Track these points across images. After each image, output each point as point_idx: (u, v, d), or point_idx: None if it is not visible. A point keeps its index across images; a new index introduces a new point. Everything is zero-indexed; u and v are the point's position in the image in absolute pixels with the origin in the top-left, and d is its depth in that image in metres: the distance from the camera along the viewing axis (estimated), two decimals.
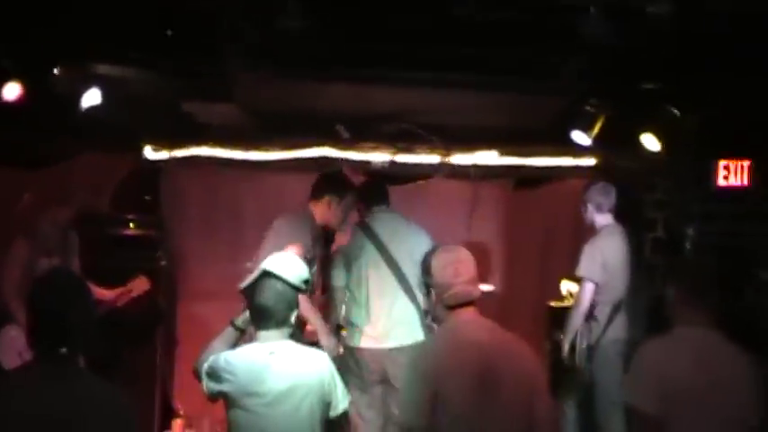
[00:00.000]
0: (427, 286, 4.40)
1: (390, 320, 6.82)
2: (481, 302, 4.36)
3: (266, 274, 4.63)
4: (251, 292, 4.66)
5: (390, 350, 6.75)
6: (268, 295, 4.61)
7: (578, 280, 7.66)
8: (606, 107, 6.91)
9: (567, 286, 7.70)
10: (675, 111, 6.85)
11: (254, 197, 8.60)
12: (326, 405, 4.65)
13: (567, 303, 7.60)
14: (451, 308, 4.30)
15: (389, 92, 7.28)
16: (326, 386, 4.65)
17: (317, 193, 6.88)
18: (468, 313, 4.29)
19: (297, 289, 4.68)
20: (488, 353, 4.16)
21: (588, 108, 6.95)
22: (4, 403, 3.37)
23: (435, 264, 4.34)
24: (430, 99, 7.41)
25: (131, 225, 7.91)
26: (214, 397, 4.57)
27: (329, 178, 7.08)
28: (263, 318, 4.63)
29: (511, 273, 8.87)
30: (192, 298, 8.29)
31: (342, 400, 4.73)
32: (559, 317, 7.45)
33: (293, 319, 4.69)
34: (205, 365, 4.58)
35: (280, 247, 5.89)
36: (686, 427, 4.11)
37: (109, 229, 7.80)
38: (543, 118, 7.63)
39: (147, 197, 8.41)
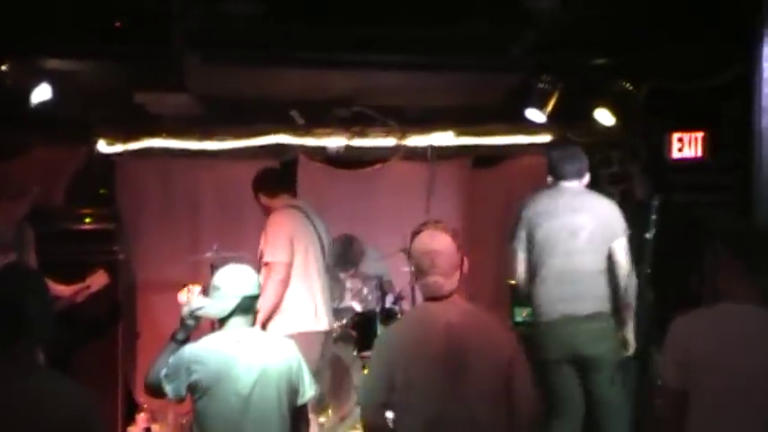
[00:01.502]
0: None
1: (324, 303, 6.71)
2: None
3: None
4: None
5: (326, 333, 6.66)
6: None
7: None
8: (558, 83, 6.92)
9: None
10: (627, 84, 6.88)
11: (210, 187, 8.56)
12: (294, 392, 4.65)
13: None
14: (427, 298, 4.27)
15: (342, 75, 7.27)
16: (295, 373, 4.65)
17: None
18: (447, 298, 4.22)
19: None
20: (458, 335, 4.10)
21: (541, 85, 6.97)
22: None
23: (415, 246, 4.25)
24: (383, 81, 7.41)
25: (87, 219, 7.83)
26: (181, 396, 4.50)
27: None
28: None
29: (471, 251, 8.85)
30: (151, 290, 8.23)
31: (309, 388, 4.73)
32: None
33: (257, 305, 4.72)
34: (162, 371, 4.51)
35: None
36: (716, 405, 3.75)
37: (64, 223, 7.71)
38: (497, 96, 7.66)
39: (102, 190, 8.34)
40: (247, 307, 4.64)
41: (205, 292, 4.75)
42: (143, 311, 8.26)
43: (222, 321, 4.64)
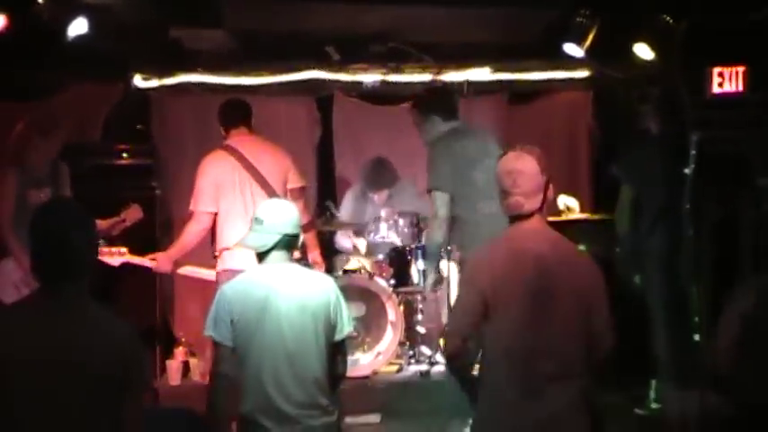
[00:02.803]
0: None
1: None
2: None
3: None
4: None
5: None
6: None
7: (575, 194, 7.69)
8: (597, 18, 6.84)
9: (564, 200, 7.68)
10: (667, 18, 6.78)
11: None
12: (332, 328, 4.66)
13: (564, 218, 7.59)
14: (511, 218, 4.26)
15: (378, 11, 7.24)
16: (333, 308, 4.66)
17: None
18: (531, 223, 4.21)
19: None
20: (546, 264, 4.11)
21: (579, 19, 6.89)
22: (7, 337, 3.36)
23: (499, 167, 4.26)
24: (419, 16, 7.36)
25: (124, 155, 7.86)
26: (228, 342, 4.47)
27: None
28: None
29: None
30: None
31: (347, 324, 4.74)
32: (557, 231, 7.43)
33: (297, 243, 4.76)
34: (209, 318, 4.53)
35: None
36: None
37: (101, 159, 7.74)
38: (534, 31, 7.59)
39: (138, 126, 8.35)
40: (287, 243, 4.65)
41: None
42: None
43: (261, 255, 4.66)
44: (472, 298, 4.17)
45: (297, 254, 4.97)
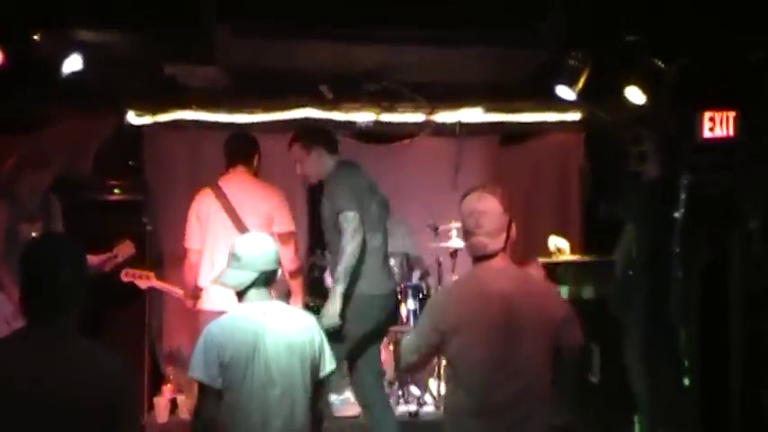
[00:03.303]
0: None
1: None
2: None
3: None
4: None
5: None
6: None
7: (565, 235, 7.71)
8: (589, 60, 6.88)
9: (554, 241, 7.70)
10: (658, 62, 6.82)
11: None
12: (316, 367, 4.66)
13: (555, 259, 7.60)
14: (475, 258, 4.32)
15: (372, 50, 7.26)
16: (318, 348, 4.67)
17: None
18: (495, 262, 4.27)
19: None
20: (511, 303, 4.18)
21: (571, 61, 6.92)
22: None
23: (462, 208, 4.33)
24: (413, 56, 7.40)
25: (116, 190, 7.87)
26: (214, 380, 4.44)
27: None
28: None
29: None
30: (178, 262, 8.25)
31: (329, 363, 4.74)
32: (548, 272, 7.44)
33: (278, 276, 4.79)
34: (195, 358, 4.49)
35: None
36: None
37: (93, 194, 7.75)
38: (526, 72, 7.62)
39: (130, 162, 8.36)
40: (266, 280, 4.64)
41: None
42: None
43: (240, 293, 4.64)
44: (428, 332, 4.29)
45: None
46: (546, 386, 4.20)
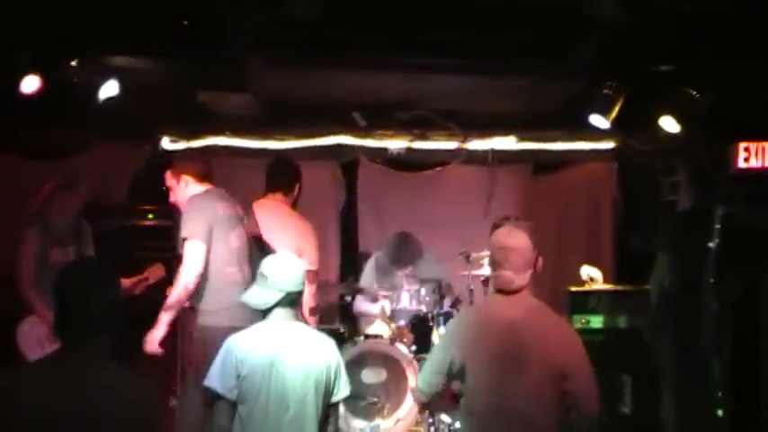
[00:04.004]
0: None
1: None
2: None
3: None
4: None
5: None
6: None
7: (597, 264, 7.67)
8: (623, 89, 6.86)
9: (587, 271, 7.66)
10: (693, 92, 6.79)
11: None
12: (330, 391, 4.69)
13: (587, 288, 7.56)
14: (497, 290, 4.38)
15: (405, 78, 7.28)
16: (334, 372, 4.70)
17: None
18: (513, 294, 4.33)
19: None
20: (517, 332, 4.21)
21: (605, 91, 6.90)
22: (27, 394, 3.34)
23: (492, 239, 4.40)
24: (445, 85, 7.40)
25: (149, 216, 7.92)
26: (231, 392, 4.52)
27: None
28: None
29: None
30: None
31: (344, 387, 4.77)
32: (580, 301, 7.41)
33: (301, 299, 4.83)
34: (214, 369, 4.55)
35: None
36: None
37: (126, 219, 7.81)
38: (559, 102, 7.61)
39: (164, 188, 8.40)
40: (291, 301, 4.67)
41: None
42: None
43: (264, 312, 4.67)
44: (440, 357, 4.39)
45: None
46: (551, 425, 4.20)
